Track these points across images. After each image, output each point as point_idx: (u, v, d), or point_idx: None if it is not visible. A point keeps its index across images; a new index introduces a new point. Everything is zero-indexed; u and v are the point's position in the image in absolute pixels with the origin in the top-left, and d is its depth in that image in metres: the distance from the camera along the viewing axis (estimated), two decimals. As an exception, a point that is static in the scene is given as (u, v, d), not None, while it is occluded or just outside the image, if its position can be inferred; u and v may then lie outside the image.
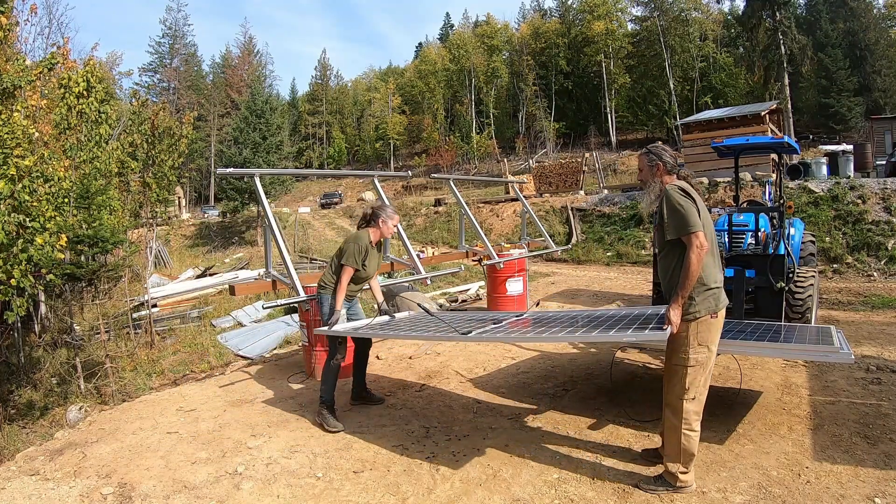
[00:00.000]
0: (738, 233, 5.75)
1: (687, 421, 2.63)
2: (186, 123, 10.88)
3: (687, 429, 2.63)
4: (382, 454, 3.28)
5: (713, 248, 2.65)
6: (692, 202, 2.58)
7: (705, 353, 2.60)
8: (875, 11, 36.09)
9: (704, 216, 2.61)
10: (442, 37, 63.40)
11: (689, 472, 2.70)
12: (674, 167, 2.75)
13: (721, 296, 2.65)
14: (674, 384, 2.67)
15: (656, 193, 2.77)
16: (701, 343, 2.60)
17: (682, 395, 2.62)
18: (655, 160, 2.76)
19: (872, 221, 10.24)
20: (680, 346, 2.62)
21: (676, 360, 2.66)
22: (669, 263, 2.67)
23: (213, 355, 6.10)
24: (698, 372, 2.61)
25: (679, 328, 2.58)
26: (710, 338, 2.62)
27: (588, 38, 42.69)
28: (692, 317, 2.58)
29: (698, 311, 2.58)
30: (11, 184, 4.33)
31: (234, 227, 28.64)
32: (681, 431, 2.63)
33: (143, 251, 10.48)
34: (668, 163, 2.74)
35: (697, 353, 2.60)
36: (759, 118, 14.03)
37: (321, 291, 3.94)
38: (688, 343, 2.59)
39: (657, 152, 2.78)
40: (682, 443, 2.64)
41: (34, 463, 3.42)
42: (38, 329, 7.69)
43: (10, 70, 5.31)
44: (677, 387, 2.65)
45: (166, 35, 48.45)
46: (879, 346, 5.27)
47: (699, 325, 2.59)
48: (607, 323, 3.01)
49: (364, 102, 56.68)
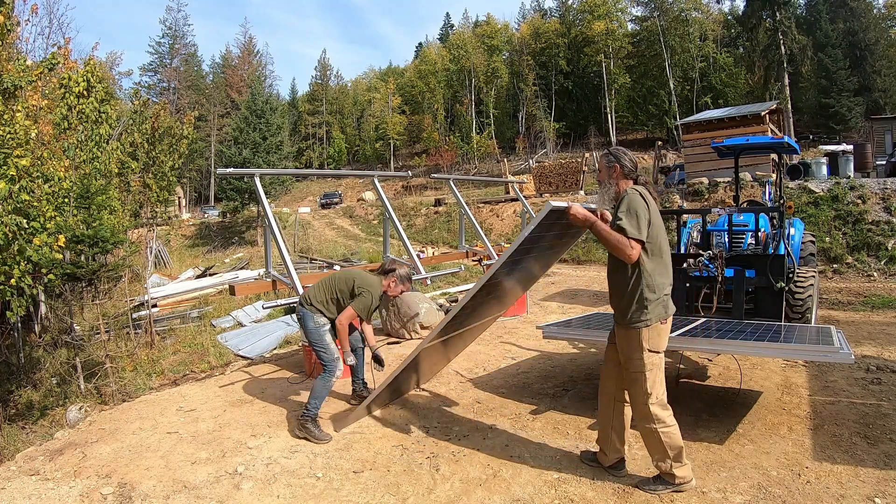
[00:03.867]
0: (738, 233, 5.76)
1: (660, 420, 2.69)
2: (187, 124, 10.89)
3: (662, 427, 2.69)
4: (382, 454, 3.27)
5: (664, 257, 2.71)
6: (647, 210, 2.64)
7: (658, 355, 2.71)
8: (875, 11, 36.12)
9: (657, 224, 2.70)
10: (442, 37, 63.42)
11: (685, 466, 2.72)
12: (632, 171, 2.80)
13: (669, 303, 2.72)
14: (635, 389, 2.73)
15: (611, 195, 2.82)
16: (652, 349, 2.68)
17: (647, 399, 2.69)
18: (614, 162, 2.80)
19: (872, 221, 10.24)
20: (635, 355, 2.70)
21: (634, 367, 2.71)
22: (615, 264, 2.75)
23: (213, 355, 6.10)
24: (655, 374, 2.70)
25: (632, 336, 2.68)
26: (661, 343, 2.71)
27: (588, 38, 42.70)
28: (644, 324, 2.65)
29: (650, 320, 2.65)
30: (11, 184, 4.33)
31: (234, 227, 28.65)
32: (658, 432, 2.70)
33: (143, 251, 10.48)
34: (626, 166, 2.79)
35: (651, 358, 2.68)
36: (759, 118, 14.02)
37: (308, 308, 3.75)
38: (642, 349, 2.67)
39: (617, 154, 2.82)
40: (663, 441, 2.70)
41: (34, 463, 3.42)
42: (38, 329, 7.69)
43: (12, 70, 5.31)
44: (641, 393, 2.71)
45: (166, 35, 48.50)
46: (879, 346, 5.27)
47: (650, 332, 2.67)
48: None
49: (364, 102, 56.70)
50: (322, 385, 3.64)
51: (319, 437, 3.49)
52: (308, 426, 3.53)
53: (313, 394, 3.62)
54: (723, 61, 38.16)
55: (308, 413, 3.57)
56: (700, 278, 4.89)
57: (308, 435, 3.50)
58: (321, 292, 3.80)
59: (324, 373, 3.68)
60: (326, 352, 3.69)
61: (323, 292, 3.80)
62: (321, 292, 3.80)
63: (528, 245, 2.96)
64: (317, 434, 3.50)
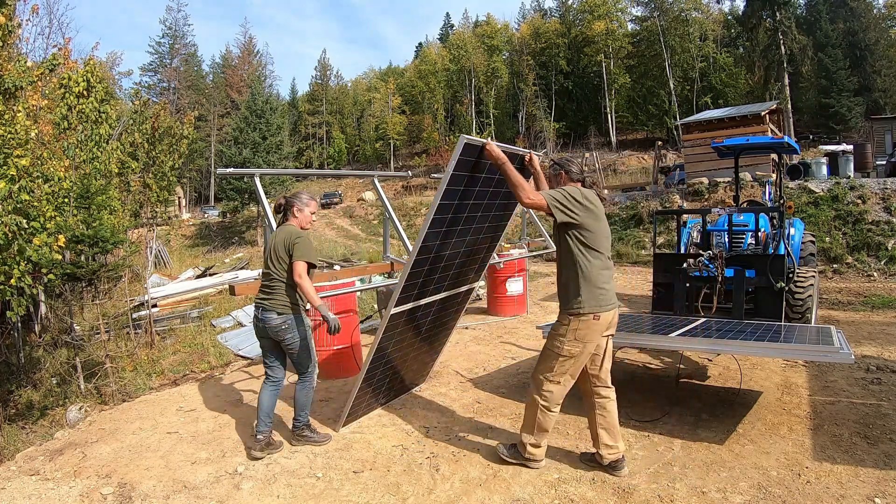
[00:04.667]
0: (738, 233, 5.76)
1: (546, 399, 2.86)
2: (187, 124, 10.90)
3: (545, 406, 2.87)
4: (382, 454, 3.27)
5: (603, 256, 2.86)
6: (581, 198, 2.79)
7: (579, 347, 2.80)
8: (875, 11, 36.11)
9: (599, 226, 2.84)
10: (442, 37, 63.42)
11: (541, 448, 2.94)
12: (578, 175, 2.97)
13: (605, 299, 2.81)
14: (543, 363, 2.90)
15: None
16: (578, 339, 2.79)
17: (548, 374, 2.85)
18: (559, 170, 3.01)
19: (872, 221, 10.24)
20: (558, 335, 2.84)
21: (551, 345, 2.87)
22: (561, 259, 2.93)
23: (213, 355, 6.10)
24: (569, 363, 2.82)
25: (562, 318, 2.85)
26: (589, 336, 2.80)
27: (588, 38, 42.70)
28: (576, 311, 2.78)
29: (582, 308, 2.77)
30: (11, 184, 4.33)
31: (234, 227, 28.67)
32: (538, 406, 2.87)
33: (143, 251, 10.48)
34: (572, 171, 2.98)
35: (572, 346, 2.80)
36: (759, 118, 14.03)
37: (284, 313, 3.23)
38: (566, 335, 2.80)
39: (561, 163, 3.03)
40: (537, 417, 2.88)
41: (34, 463, 3.42)
42: (38, 329, 7.69)
43: (12, 71, 5.31)
44: (545, 366, 2.88)
45: (166, 35, 48.47)
46: (879, 346, 5.27)
47: (580, 323, 2.78)
48: None
49: (364, 102, 56.68)
50: (304, 395, 3.40)
51: (320, 440, 3.43)
52: (304, 434, 3.43)
53: (298, 406, 3.41)
54: (723, 61, 38.16)
55: (299, 424, 3.43)
56: (700, 278, 4.89)
57: (308, 442, 3.41)
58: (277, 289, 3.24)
59: (304, 382, 3.40)
60: (310, 357, 3.38)
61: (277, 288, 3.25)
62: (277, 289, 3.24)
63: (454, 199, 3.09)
64: (316, 438, 3.43)
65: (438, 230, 3.17)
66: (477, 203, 3.38)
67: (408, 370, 4.16)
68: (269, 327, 3.25)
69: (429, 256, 3.26)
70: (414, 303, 3.48)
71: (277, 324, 3.23)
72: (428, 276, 3.41)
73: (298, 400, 3.41)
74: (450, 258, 3.52)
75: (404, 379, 4.21)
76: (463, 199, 3.20)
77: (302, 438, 3.42)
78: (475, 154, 3.01)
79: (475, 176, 3.16)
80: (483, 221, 3.62)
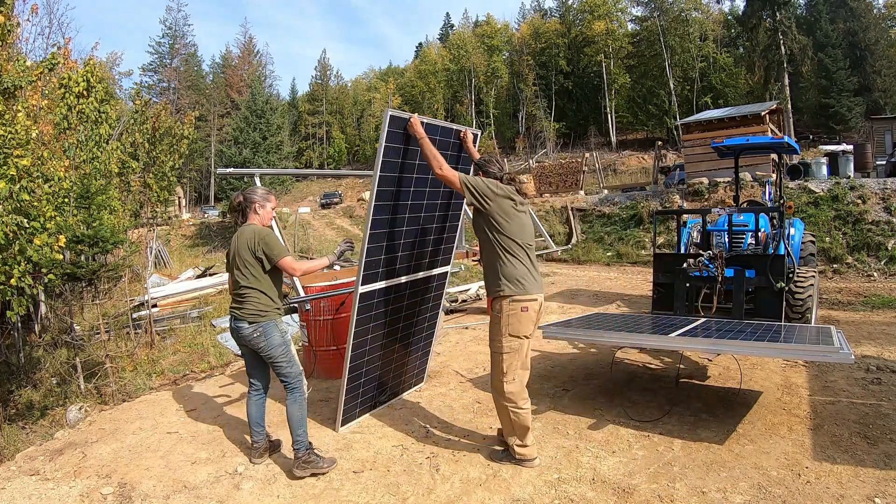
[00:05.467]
0: (738, 233, 5.76)
1: (511, 400, 2.99)
2: (188, 124, 10.89)
3: (514, 407, 2.98)
4: (382, 454, 3.28)
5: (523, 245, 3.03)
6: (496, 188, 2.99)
7: (517, 342, 2.98)
8: (875, 11, 36.12)
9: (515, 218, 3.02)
10: (442, 37, 63.43)
11: (528, 446, 3.05)
12: (498, 174, 3.14)
13: (529, 286, 2.97)
14: (495, 370, 3.07)
15: None
16: (512, 335, 2.97)
17: (503, 378, 3.00)
18: (478, 170, 3.24)
19: (872, 221, 10.24)
20: (497, 337, 3.02)
21: (495, 348, 3.05)
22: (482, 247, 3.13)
23: (213, 355, 6.10)
24: (513, 358, 2.99)
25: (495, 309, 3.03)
26: (521, 329, 2.97)
27: (588, 38, 42.73)
28: (499, 294, 2.99)
29: (502, 291, 2.97)
30: (11, 184, 4.33)
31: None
32: (508, 410, 3.00)
33: (143, 251, 10.49)
34: (489, 171, 3.15)
35: (510, 342, 2.98)
36: (760, 118, 14.02)
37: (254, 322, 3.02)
38: (502, 334, 2.98)
39: (479, 163, 3.24)
40: (512, 419, 3.01)
41: (34, 463, 3.42)
42: (38, 329, 7.69)
43: (12, 70, 5.31)
44: (498, 372, 3.03)
45: (166, 35, 48.45)
46: (879, 346, 5.26)
47: (510, 319, 2.96)
48: None
49: (364, 102, 56.69)
50: (298, 411, 3.10)
51: (327, 465, 3.07)
52: (309, 459, 3.04)
53: (295, 424, 3.07)
54: (723, 61, 38.17)
55: (300, 446, 3.06)
56: (700, 278, 4.89)
57: (314, 469, 3.02)
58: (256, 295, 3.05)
59: (293, 394, 3.11)
60: (292, 366, 3.12)
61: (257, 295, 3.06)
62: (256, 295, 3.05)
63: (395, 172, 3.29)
64: (322, 463, 3.06)
65: (386, 203, 3.35)
66: (421, 178, 3.56)
67: (399, 364, 4.13)
68: (242, 337, 3.07)
69: (385, 231, 3.42)
70: (383, 282, 3.54)
71: (248, 332, 3.04)
72: (389, 252, 3.54)
73: (293, 417, 3.08)
74: (407, 235, 3.63)
75: (400, 375, 4.19)
76: (403, 172, 3.38)
77: (307, 465, 3.02)
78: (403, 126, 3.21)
79: (410, 149, 3.34)
80: (434, 198, 3.78)
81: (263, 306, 3.06)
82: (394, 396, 4.18)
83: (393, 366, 4.05)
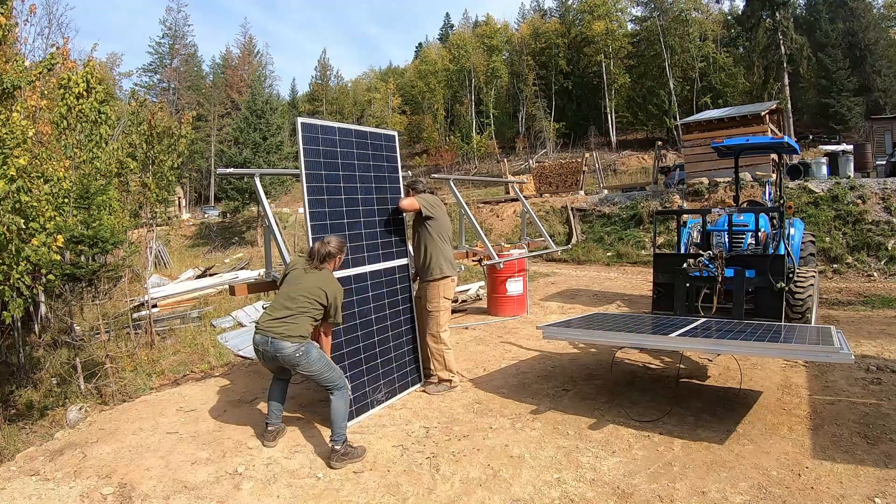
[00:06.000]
0: (738, 233, 5.76)
1: (446, 344, 4.34)
2: (185, 123, 10.89)
3: (446, 349, 4.33)
4: (382, 454, 3.27)
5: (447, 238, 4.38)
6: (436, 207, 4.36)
7: (448, 303, 4.37)
8: (875, 11, 36.09)
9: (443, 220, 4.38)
10: (442, 37, 63.43)
11: (455, 375, 4.41)
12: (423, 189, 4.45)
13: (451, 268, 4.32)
14: (432, 323, 4.30)
15: None
16: (445, 297, 4.32)
17: (440, 329, 4.30)
18: (409, 190, 4.46)
19: (872, 221, 10.24)
20: (434, 300, 4.27)
21: (433, 308, 4.28)
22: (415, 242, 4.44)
23: (213, 355, 6.10)
24: (446, 314, 4.36)
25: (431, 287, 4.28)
26: (449, 293, 4.36)
27: (588, 38, 42.71)
28: (438, 277, 4.25)
29: (444, 273, 4.26)
30: (9, 184, 4.33)
31: (234, 227, 28.66)
32: (443, 352, 4.31)
33: (143, 251, 10.48)
34: (417, 188, 4.44)
35: (445, 303, 4.32)
36: (759, 118, 14.01)
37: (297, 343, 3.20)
38: (438, 297, 4.27)
39: (409, 185, 4.50)
40: (445, 359, 4.32)
41: (34, 463, 3.42)
42: (38, 329, 7.69)
43: (10, 70, 5.31)
44: (435, 325, 4.29)
45: (166, 35, 48.46)
46: (879, 346, 5.27)
47: (443, 284, 4.28)
48: None
49: (364, 103, 56.68)
50: (343, 406, 3.27)
51: (360, 455, 3.22)
52: (347, 452, 3.17)
53: (338, 418, 3.20)
54: (722, 61, 38.16)
55: (339, 440, 3.18)
56: (700, 278, 4.89)
57: (352, 458, 3.17)
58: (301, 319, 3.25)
59: (339, 392, 3.28)
60: (333, 371, 3.32)
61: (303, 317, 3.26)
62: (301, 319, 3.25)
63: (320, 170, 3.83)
64: (355, 454, 3.20)
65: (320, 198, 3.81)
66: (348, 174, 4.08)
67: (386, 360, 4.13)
68: (284, 356, 3.18)
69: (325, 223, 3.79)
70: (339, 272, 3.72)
71: (291, 352, 3.18)
72: None
73: (337, 411, 3.21)
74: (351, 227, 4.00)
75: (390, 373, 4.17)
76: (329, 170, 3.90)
77: (345, 457, 3.15)
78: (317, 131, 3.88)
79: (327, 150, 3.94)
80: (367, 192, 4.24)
81: (308, 332, 3.30)
82: (392, 395, 4.17)
83: (380, 360, 4.07)
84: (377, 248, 4.21)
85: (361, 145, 4.23)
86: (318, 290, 3.32)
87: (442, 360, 4.29)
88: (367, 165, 4.24)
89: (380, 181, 4.36)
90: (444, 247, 4.29)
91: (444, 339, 4.31)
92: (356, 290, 3.94)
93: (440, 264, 4.23)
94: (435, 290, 4.25)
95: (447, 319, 4.36)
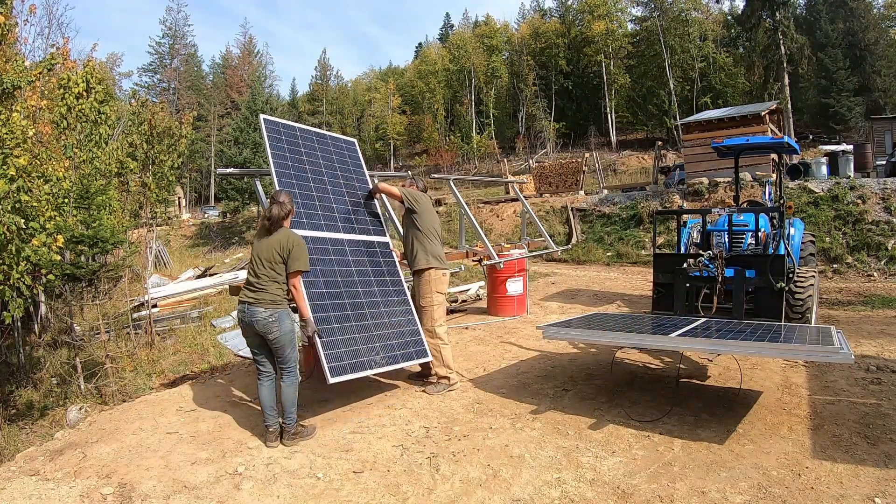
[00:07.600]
0: (738, 233, 5.76)
1: (443, 339, 4.33)
2: (186, 123, 10.90)
3: (442, 344, 4.31)
4: (382, 454, 3.27)
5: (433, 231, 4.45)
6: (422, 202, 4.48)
7: (441, 297, 4.43)
8: (875, 11, 36.07)
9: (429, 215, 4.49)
10: (442, 37, 63.41)
11: (453, 373, 4.38)
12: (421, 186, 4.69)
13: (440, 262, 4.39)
14: (426, 319, 4.35)
15: None
16: (438, 291, 4.38)
17: (435, 324, 4.32)
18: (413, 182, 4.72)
19: (872, 221, 10.24)
20: (427, 294, 4.35)
21: (426, 303, 4.34)
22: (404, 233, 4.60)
23: (213, 355, 6.11)
24: (439, 309, 4.38)
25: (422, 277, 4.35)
26: (442, 287, 4.44)
27: (588, 38, 42.70)
28: (424, 267, 4.33)
29: (429, 264, 4.33)
30: (9, 184, 4.33)
31: (234, 227, 28.66)
32: (439, 347, 4.29)
33: (142, 251, 10.48)
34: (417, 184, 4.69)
35: (437, 297, 4.37)
36: (759, 118, 14.00)
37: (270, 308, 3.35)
38: (430, 291, 4.34)
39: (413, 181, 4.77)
40: (442, 354, 4.29)
41: (34, 463, 3.42)
42: (38, 329, 7.69)
43: (10, 70, 5.31)
44: (429, 320, 4.33)
45: (166, 35, 48.47)
46: (879, 346, 5.27)
47: (431, 277, 4.33)
48: None
49: (364, 102, 56.66)
50: (293, 393, 3.50)
51: (310, 434, 3.54)
52: (297, 431, 3.50)
53: (289, 403, 3.47)
54: (722, 61, 38.13)
55: (290, 422, 3.48)
56: (700, 278, 4.89)
57: (303, 437, 3.50)
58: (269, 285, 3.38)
59: (290, 377, 3.50)
60: (294, 352, 3.53)
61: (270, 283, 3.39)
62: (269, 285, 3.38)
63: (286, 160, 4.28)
64: (305, 433, 3.53)
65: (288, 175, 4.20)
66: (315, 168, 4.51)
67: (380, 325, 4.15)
68: (257, 321, 3.36)
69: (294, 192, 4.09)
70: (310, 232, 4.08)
71: (264, 317, 3.35)
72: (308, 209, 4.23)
73: (288, 397, 3.47)
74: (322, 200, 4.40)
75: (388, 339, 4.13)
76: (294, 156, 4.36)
77: (296, 436, 3.48)
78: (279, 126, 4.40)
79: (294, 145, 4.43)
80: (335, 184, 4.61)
81: (279, 296, 3.42)
82: (393, 362, 4.07)
83: (371, 323, 4.10)
84: (351, 221, 4.57)
85: (323, 143, 4.77)
86: (272, 250, 3.43)
87: (438, 355, 4.27)
88: (331, 162, 4.70)
89: (347, 177, 4.78)
90: (427, 241, 4.36)
91: (440, 334, 4.30)
92: (334, 252, 4.23)
93: (425, 256, 4.33)
94: (427, 285, 4.31)
95: (441, 314, 4.36)
